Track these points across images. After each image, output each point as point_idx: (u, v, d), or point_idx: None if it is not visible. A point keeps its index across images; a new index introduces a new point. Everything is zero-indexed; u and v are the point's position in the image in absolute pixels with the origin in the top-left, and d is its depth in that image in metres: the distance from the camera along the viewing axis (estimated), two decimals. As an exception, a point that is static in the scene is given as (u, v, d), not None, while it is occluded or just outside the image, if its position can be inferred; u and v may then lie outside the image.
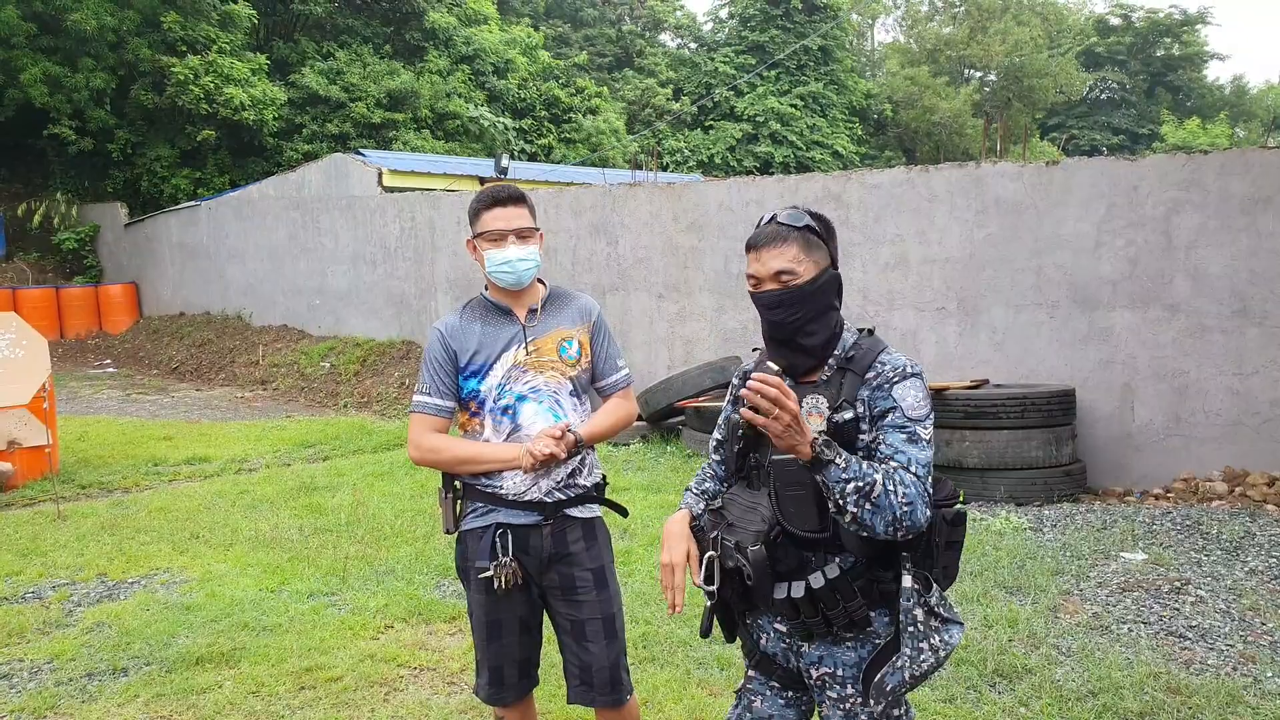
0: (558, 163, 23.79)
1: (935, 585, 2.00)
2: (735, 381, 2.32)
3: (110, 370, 15.24)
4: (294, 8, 22.37)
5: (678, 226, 9.81)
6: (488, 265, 2.70)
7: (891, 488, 1.88)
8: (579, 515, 2.77)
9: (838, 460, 1.88)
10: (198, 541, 6.09)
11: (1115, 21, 46.57)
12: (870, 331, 2.11)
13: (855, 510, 1.87)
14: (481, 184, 15.12)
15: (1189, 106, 45.90)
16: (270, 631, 4.57)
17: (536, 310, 2.76)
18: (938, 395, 7.13)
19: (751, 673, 2.22)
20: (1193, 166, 6.93)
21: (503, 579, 2.65)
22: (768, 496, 2.03)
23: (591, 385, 2.87)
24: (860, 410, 2.00)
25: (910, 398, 1.99)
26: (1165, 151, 8.31)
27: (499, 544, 2.69)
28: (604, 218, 10.27)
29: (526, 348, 2.72)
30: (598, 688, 2.73)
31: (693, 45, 38.98)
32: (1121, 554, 5.52)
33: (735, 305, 9.40)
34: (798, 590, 1.97)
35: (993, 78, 39.89)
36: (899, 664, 1.94)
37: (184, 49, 18.64)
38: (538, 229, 2.78)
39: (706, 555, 2.08)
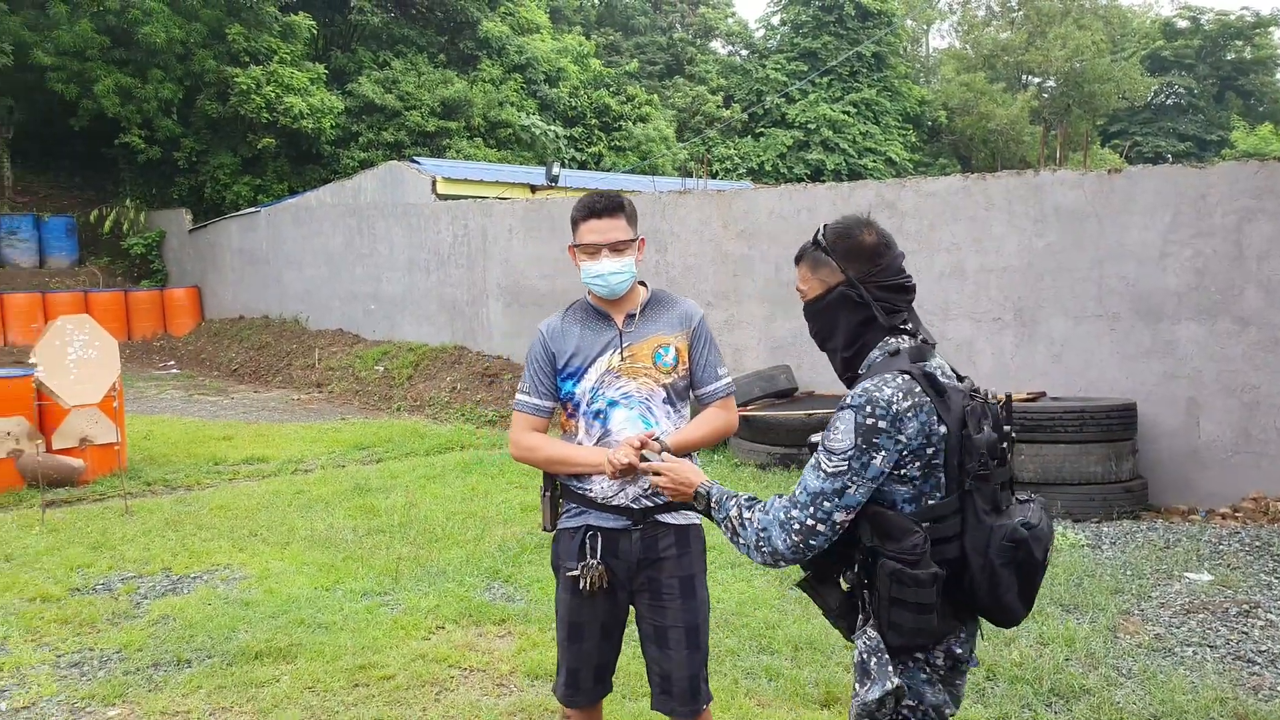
0: (607, 170, 23.91)
1: (877, 635, 1.94)
2: None
3: (174, 371, 15.65)
4: (352, 18, 22.81)
5: (728, 234, 9.81)
6: (583, 276, 2.74)
7: (748, 517, 2.02)
8: (672, 521, 2.74)
9: (712, 504, 2.12)
10: (256, 539, 6.24)
11: (1183, 24, 45.44)
12: (895, 352, 2.01)
13: (735, 543, 2.05)
14: (533, 192, 15.25)
15: (1261, 112, 44.61)
16: (325, 629, 4.66)
17: (635, 316, 2.76)
18: (993, 406, 7.03)
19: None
20: (1266, 174, 6.76)
21: (588, 581, 2.69)
22: None
23: (691, 393, 2.81)
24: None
25: (836, 427, 1.94)
26: (1236, 159, 8.11)
27: (589, 546, 2.72)
28: (653, 225, 10.31)
29: (621, 353, 2.72)
30: (677, 696, 2.72)
31: (744, 52, 38.94)
32: (1186, 574, 5.39)
33: (786, 314, 9.36)
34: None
35: (1052, 83, 39.18)
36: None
37: (247, 60, 19.11)
38: (634, 239, 2.74)
39: None
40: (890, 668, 1.92)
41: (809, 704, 3.91)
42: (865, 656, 1.95)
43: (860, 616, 1.98)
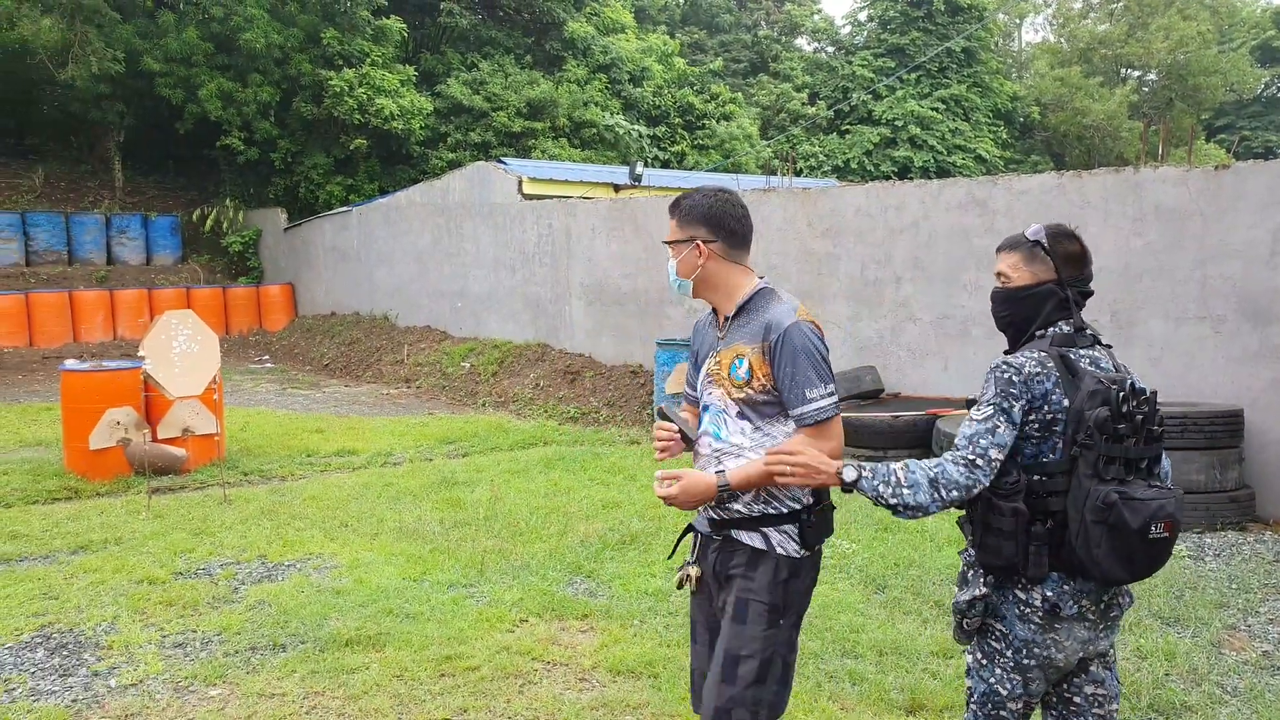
0: (690, 169, 23.88)
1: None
2: None
3: (268, 365, 16.20)
4: (441, 21, 23.24)
5: (812, 232, 9.71)
6: None
7: (914, 465, 2.29)
8: (746, 541, 2.56)
9: (863, 473, 2.29)
10: (347, 530, 6.42)
11: (1294, 14, 43.26)
12: (1045, 336, 2.43)
13: (896, 500, 2.27)
14: (616, 191, 15.33)
15: (1377, 105, 42.18)
16: (413, 619, 4.77)
17: (729, 319, 2.63)
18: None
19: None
20: (1383, 171, 6.40)
21: (682, 580, 2.71)
22: None
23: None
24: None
25: (985, 387, 2.37)
26: (1350, 155, 7.70)
27: (692, 545, 2.74)
28: (739, 224, 10.25)
29: (715, 357, 2.65)
30: None
31: (829, 49, 38.42)
32: (1293, 587, 5.15)
33: (871, 313, 9.23)
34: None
35: (1153, 77, 37.70)
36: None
37: (340, 63, 19.66)
38: (680, 239, 2.62)
39: None
40: (982, 579, 2.36)
41: (893, 709, 3.85)
42: (965, 568, 2.43)
43: (970, 538, 2.40)
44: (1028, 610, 2.32)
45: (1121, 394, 2.27)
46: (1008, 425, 2.28)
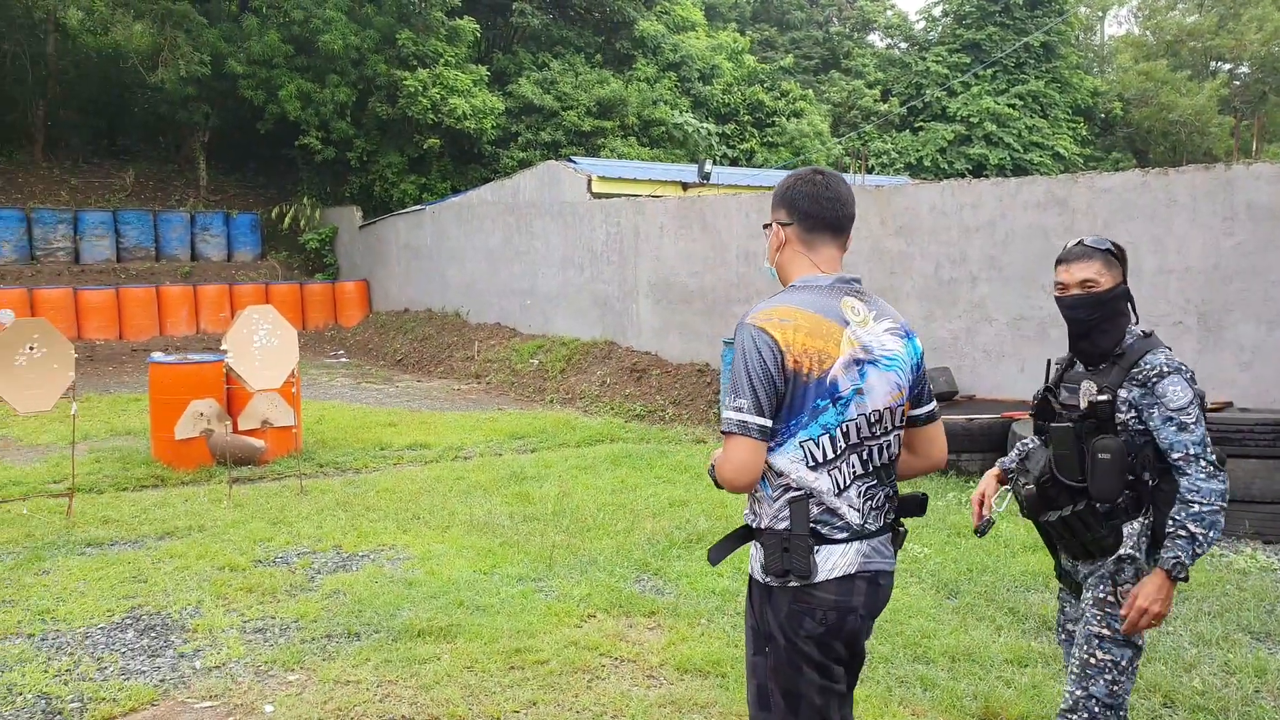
0: (760, 167, 23.74)
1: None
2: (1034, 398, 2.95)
3: (343, 360, 16.58)
4: (513, 21, 23.48)
5: (885, 230, 9.57)
6: None
7: (1195, 510, 2.52)
8: (751, 572, 2.42)
9: (1181, 558, 2.52)
10: (419, 522, 6.54)
11: (1398, 3, 41.16)
12: (1148, 334, 2.72)
13: (1209, 543, 2.53)
14: (684, 189, 15.33)
15: None
16: (483, 611, 4.84)
17: None
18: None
19: (1060, 586, 2.98)
20: None
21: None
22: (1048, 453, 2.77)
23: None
24: (1124, 395, 2.65)
25: (1170, 392, 2.59)
26: None
27: None
28: (810, 222, 10.16)
29: None
30: None
31: (903, 45, 37.78)
32: (1392, 603, 4.91)
33: (945, 314, 9.07)
34: (1054, 517, 2.72)
35: (1244, 70, 36.28)
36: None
37: (414, 63, 20.01)
38: (769, 223, 2.51)
39: (1002, 488, 2.98)
40: (1143, 547, 2.69)
41: (966, 717, 3.79)
42: (1126, 535, 2.70)
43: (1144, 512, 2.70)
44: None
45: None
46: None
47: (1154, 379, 2.61)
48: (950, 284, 9.03)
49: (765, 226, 2.52)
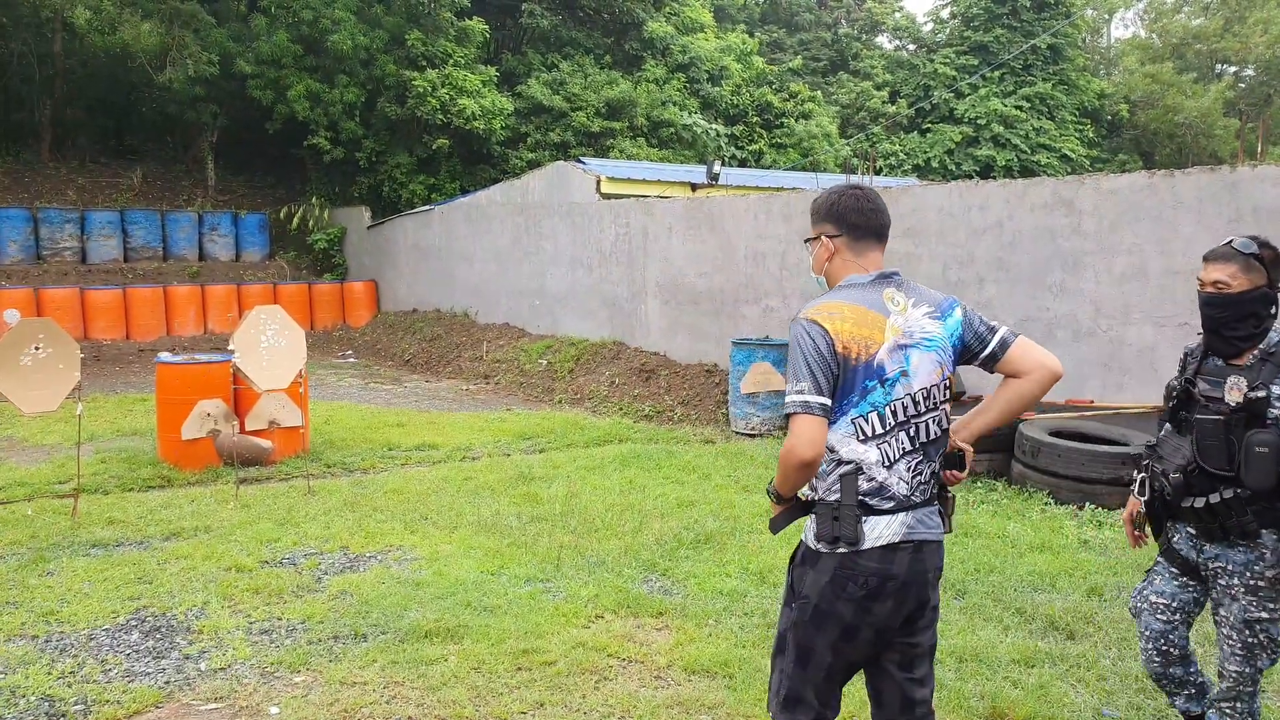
0: (768, 168, 23.72)
1: None
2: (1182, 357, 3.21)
3: (351, 360, 16.60)
4: (522, 22, 23.51)
5: (892, 231, 9.51)
6: None
7: None
8: (808, 525, 2.69)
9: None
10: (426, 523, 6.54)
11: (1407, 5, 40.94)
12: None
13: None
14: (693, 190, 15.32)
15: None
16: (490, 612, 4.84)
17: None
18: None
19: (1160, 559, 3.19)
20: None
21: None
22: (1189, 442, 2.98)
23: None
24: (1276, 391, 2.81)
25: None
26: None
27: None
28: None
29: None
30: None
31: (911, 47, 37.75)
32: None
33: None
34: (1200, 503, 2.92)
35: (1250, 72, 36.14)
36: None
37: (424, 64, 20.04)
38: (810, 237, 2.79)
39: (1139, 475, 3.14)
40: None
41: (974, 717, 3.78)
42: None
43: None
44: None
45: None
46: None
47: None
48: (957, 285, 9.01)
49: (807, 241, 2.79)
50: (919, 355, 2.55)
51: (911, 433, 2.53)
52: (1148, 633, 3.18)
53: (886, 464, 2.50)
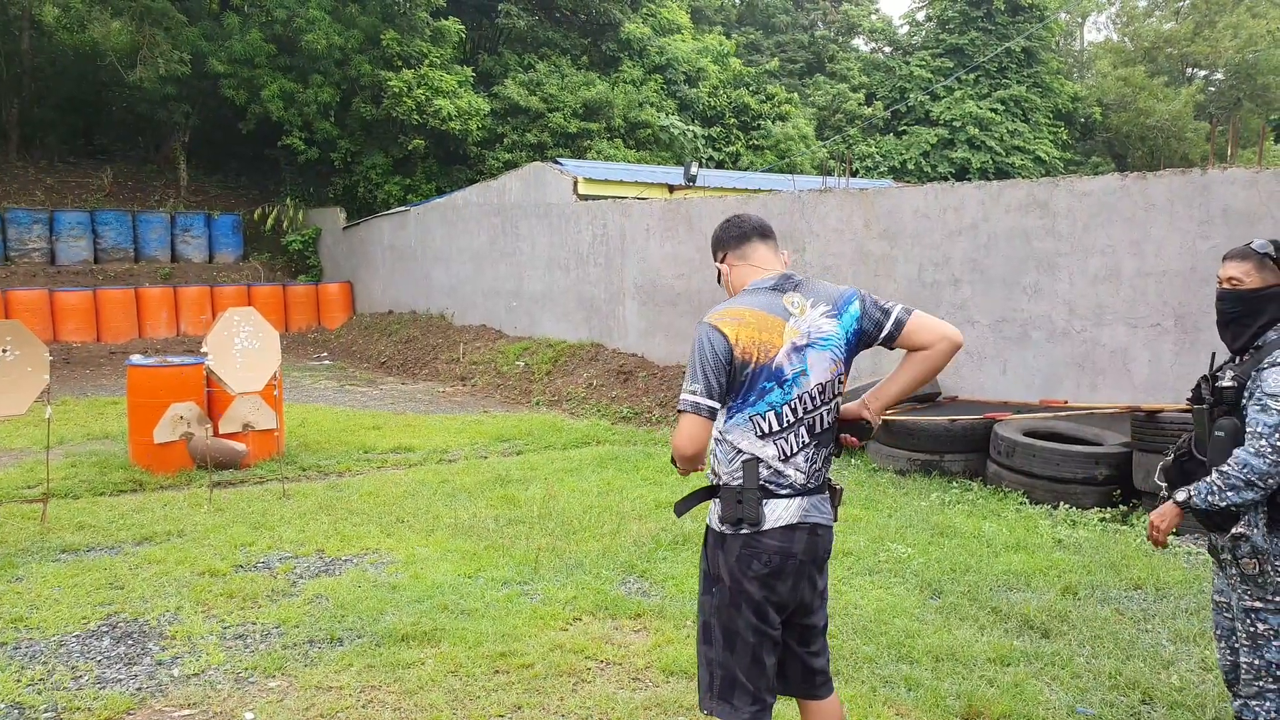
0: (745, 170, 23.77)
1: None
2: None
3: (327, 362, 16.48)
4: (499, 22, 23.44)
5: (869, 233, 9.61)
6: None
7: (1226, 468, 2.83)
8: (713, 508, 2.85)
9: (1193, 498, 2.93)
10: (403, 526, 6.50)
11: (1372, 11, 41.63)
12: None
13: (1224, 503, 2.84)
14: (670, 192, 15.33)
15: None
16: (468, 615, 4.82)
17: None
18: (1150, 418, 6.67)
19: (1212, 561, 3.21)
20: None
21: None
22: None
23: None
24: (1256, 384, 2.86)
25: (1270, 379, 2.81)
26: None
27: None
28: (791, 225, 10.20)
29: None
30: None
31: (887, 49, 37.98)
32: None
33: (932, 314, 9.09)
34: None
35: (1220, 76, 36.63)
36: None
37: (399, 64, 19.92)
38: (717, 271, 2.99)
39: (1160, 464, 3.24)
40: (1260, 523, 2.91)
41: (950, 716, 3.80)
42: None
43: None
44: None
45: None
46: None
47: (1265, 366, 2.85)
48: (933, 286, 9.07)
49: (718, 277, 2.99)
50: (815, 354, 2.72)
51: (810, 425, 2.72)
52: (1217, 630, 3.22)
53: (783, 458, 2.69)
